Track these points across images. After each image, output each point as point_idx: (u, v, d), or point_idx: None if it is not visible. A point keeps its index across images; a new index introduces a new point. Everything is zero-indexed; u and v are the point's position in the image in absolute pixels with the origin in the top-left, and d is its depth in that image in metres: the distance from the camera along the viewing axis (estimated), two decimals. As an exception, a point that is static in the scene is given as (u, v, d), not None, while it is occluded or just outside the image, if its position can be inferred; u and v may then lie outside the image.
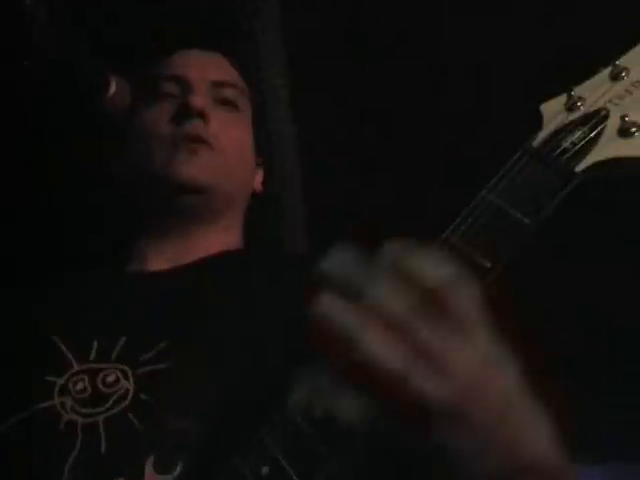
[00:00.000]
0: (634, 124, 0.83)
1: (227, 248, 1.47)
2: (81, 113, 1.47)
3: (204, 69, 1.56)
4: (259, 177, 1.64)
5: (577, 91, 0.89)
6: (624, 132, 0.83)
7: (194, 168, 1.42)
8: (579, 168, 0.82)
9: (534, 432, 0.79)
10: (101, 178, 1.63)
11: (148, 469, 1.05)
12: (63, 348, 1.25)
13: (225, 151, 1.48)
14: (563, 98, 0.89)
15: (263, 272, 1.38)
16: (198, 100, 1.47)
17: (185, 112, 1.46)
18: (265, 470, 0.82)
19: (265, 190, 1.65)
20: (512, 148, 0.87)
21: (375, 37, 2.22)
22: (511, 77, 2.07)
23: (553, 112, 0.89)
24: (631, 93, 0.86)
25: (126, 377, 1.18)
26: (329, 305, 0.74)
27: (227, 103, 1.54)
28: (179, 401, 1.13)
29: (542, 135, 0.86)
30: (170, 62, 1.56)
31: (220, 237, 1.48)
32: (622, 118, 0.83)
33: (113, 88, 1.39)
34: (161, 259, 1.42)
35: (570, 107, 0.88)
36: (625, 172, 0.83)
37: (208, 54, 1.60)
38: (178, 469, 1.05)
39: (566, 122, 0.86)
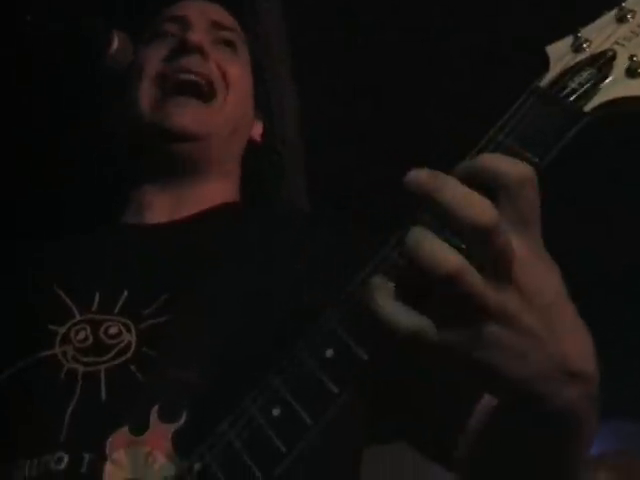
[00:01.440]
0: (642, 64, 0.83)
1: (225, 200, 1.46)
2: (84, 67, 1.46)
3: (204, 11, 1.53)
4: (258, 128, 1.61)
5: (583, 33, 0.89)
6: (632, 72, 0.83)
7: (185, 116, 1.39)
8: (587, 108, 0.82)
9: (581, 339, 0.80)
10: (100, 131, 1.61)
11: (153, 417, 1.05)
12: (65, 298, 1.25)
13: (226, 96, 1.45)
14: (569, 40, 0.89)
15: (261, 226, 1.37)
16: (196, 35, 1.44)
17: (182, 47, 1.43)
18: (276, 411, 0.82)
19: (265, 144, 1.64)
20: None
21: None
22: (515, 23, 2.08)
23: (559, 54, 0.89)
24: (637, 34, 0.86)
25: (128, 330, 1.19)
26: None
27: (227, 44, 1.51)
28: (181, 353, 1.14)
29: (549, 76, 0.87)
30: (171, 7, 1.54)
31: (217, 187, 1.47)
32: (630, 58, 0.83)
33: (116, 44, 1.38)
34: (159, 211, 1.42)
35: (576, 49, 0.88)
36: (632, 111, 0.83)
37: (210, 3, 1.58)
38: (183, 418, 1.06)
39: (573, 63, 0.86)
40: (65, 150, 1.86)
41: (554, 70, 0.87)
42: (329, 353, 0.80)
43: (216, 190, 1.46)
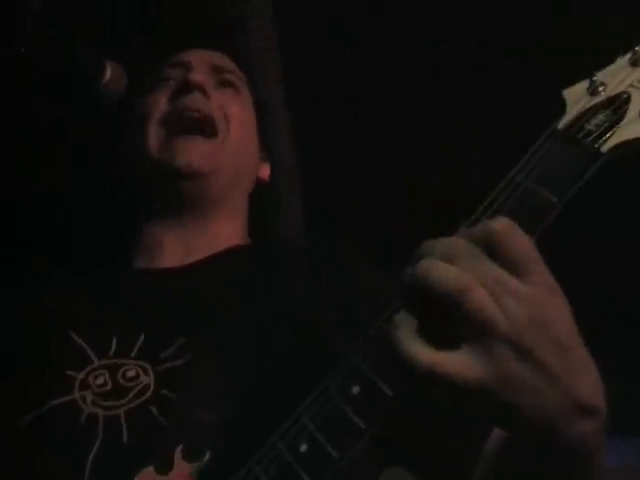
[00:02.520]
0: (656, 106, 0.86)
1: (234, 242, 1.49)
2: (77, 99, 1.49)
3: (205, 56, 1.58)
4: (266, 169, 1.65)
5: (599, 76, 0.92)
6: (647, 113, 0.86)
7: (191, 153, 1.43)
8: (604, 148, 0.85)
9: (592, 375, 0.81)
10: (103, 167, 1.65)
11: (177, 457, 1.06)
12: (82, 343, 1.26)
13: (229, 132, 1.49)
14: (585, 83, 0.92)
15: (268, 267, 1.40)
16: (197, 75, 1.49)
17: (184, 87, 1.48)
18: (303, 447, 0.84)
19: (271, 184, 1.67)
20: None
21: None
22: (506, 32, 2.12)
23: (576, 97, 0.92)
24: (653, 77, 0.89)
25: (146, 373, 1.20)
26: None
27: (228, 85, 1.56)
28: (201, 394, 1.15)
29: (567, 118, 0.89)
30: (174, 55, 1.59)
31: (226, 229, 1.49)
32: (647, 99, 0.87)
33: (109, 73, 1.41)
34: (170, 255, 1.44)
35: (592, 91, 0.91)
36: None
37: (211, 51, 1.63)
38: (207, 456, 1.07)
39: (589, 106, 0.89)
40: (65, 186, 1.89)
41: (571, 112, 0.90)
42: (355, 390, 0.82)
43: (225, 232, 1.49)
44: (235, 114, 1.52)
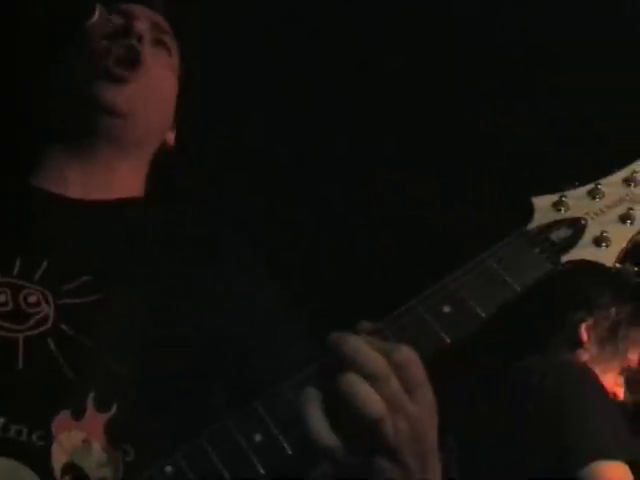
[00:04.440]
0: (607, 239, 1.06)
1: (134, 193, 1.51)
2: (61, 34, 1.48)
3: (150, 14, 1.59)
4: (171, 136, 1.66)
5: (566, 197, 1.11)
6: (598, 242, 1.06)
7: (119, 94, 1.44)
8: (563, 259, 1.04)
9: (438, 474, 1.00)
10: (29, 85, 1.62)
11: (90, 405, 1.11)
12: None
13: (154, 85, 1.51)
14: (554, 197, 1.11)
15: (167, 221, 1.46)
16: (140, 24, 1.50)
17: (124, 31, 1.49)
18: (258, 437, 0.94)
19: (178, 149, 1.71)
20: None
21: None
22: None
23: (543, 207, 1.11)
24: (605, 213, 1.10)
25: (47, 302, 1.22)
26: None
27: (162, 45, 1.58)
28: (107, 340, 1.19)
29: (534, 224, 1.08)
30: (121, 5, 1.59)
31: (126, 178, 1.51)
32: (600, 232, 1.07)
33: (96, 16, 1.42)
34: (72, 184, 1.43)
35: (557, 207, 1.10)
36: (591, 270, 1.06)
37: (155, 13, 1.63)
38: (114, 409, 1.12)
39: (554, 219, 1.08)
40: None
41: (538, 220, 1.09)
42: (258, 438, 0.95)
43: (127, 178, 1.51)
44: (157, 71, 1.53)
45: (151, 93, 1.51)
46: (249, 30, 2.41)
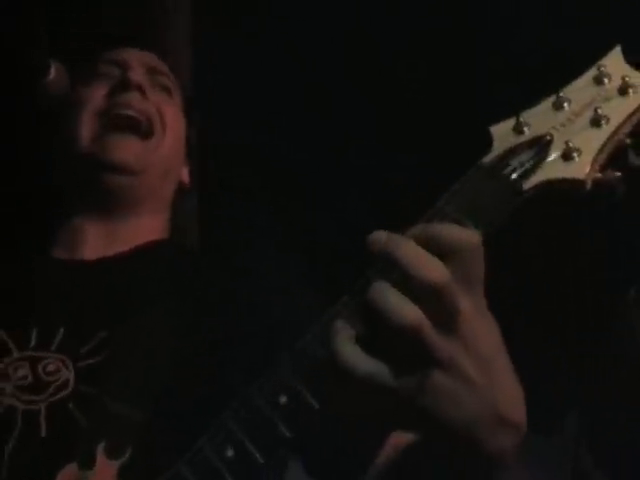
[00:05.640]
0: (575, 149, 0.93)
1: (155, 237, 1.51)
2: (20, 95, 1.50)
3: (142, 57, 1.60)
4: (187, 172, 1.67)
5: (524, 116, 0.98)
6: (567, 156, 0.93)
7: (125, 151, 1.45)
8: (526, 186, 0.92)
9: (515, 392, 0.88)
10: (32, 161, 1.65)
11: (100, 454, 1.09)
12: (2, 335, 1.28)
13: (163, 134, 1.51)
14: (512, 122, 0.98)
15: (191, 264, 1.44)
16: (137, 75, 1.50)
17: (123, 85, 1.49)
18: (230, 452, 0.88)
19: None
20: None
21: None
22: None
23: (502, 134, 0.98)
24: (572, 122, 0.96)
25: (67, 367, 1.22)
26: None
27: (163, 88, 1.58)
28: (121, 390, 1.18)
29: (493, 154, 0.96)
30: (110, 51, 1.61)
31: (148, 225, 1.51)
32: (565, 143, 0.93)
33: (53, 73, 1.43)
34: (92, 247, 1.45)
35: (518, 130, 0.97)
36: (567, 191, 0.93)
37: (146, 52, 1.65)
38: (128, 453, 1.10)
39: (514, 144, 0.96)
40: None
41: (497, 149, 0.96)
42: (283, 400, 0.86)
43: (147, 227, 1.51)
44: (170, 117, 1.55)
45: (161, 142, 1.50)
46: (268, 37, 2.37)
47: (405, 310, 0.78)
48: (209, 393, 1.16)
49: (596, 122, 0.95)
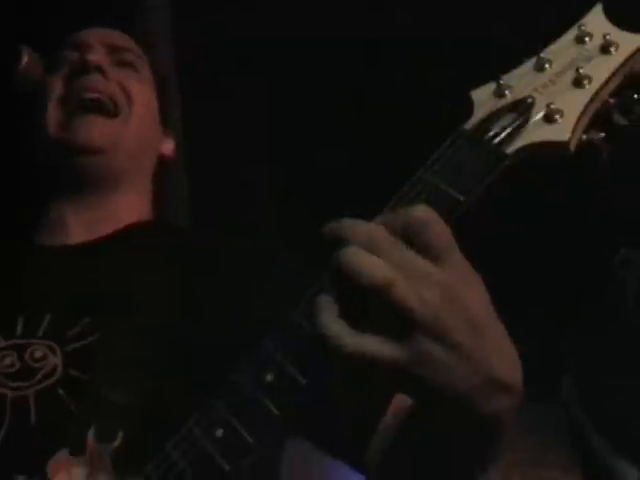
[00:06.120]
0: (558, 111, 0.91)
1: (138, 218, 1.50)
2: None
3: (102, 36, 1.57)
4: (169, 145, 1.65)
5: (505, 79, 0.96)
6: (549, 118, 0.91)
7: (90, 129, 1.43)
8: (509, 150, 0.90)
9: (508, 354, 0.86)
10: (11, 149, 1.64)
11: (90, 439, 1.09)
12: None
13: (129, 111, 1.49)
14: (492, 86, 0.97)
15: (175, 244, 1.42)
16: (95, 55, 1.48)
17: (81, 68, 1.47)
18: (219, 432, 0.87)
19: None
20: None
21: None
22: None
23: (483, 98, 0.96)
24: (554, 83, 0.94)
25: (54, 353, 1.21)
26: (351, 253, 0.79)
27: (127, 64, 1.55)
28: (110, 374, 1.17)
29: (474, 119, 0.94)
30: (72, 35, 1.58)
31: (129, 204, 1.50)
32: (547, 106, 0.91)
33: (25, 59, 1.41)
34: (74, 231, 1.44)
35: (499, 94, 0.95)
36: (550, 155, 0.91)
37: (108, 29, 1.62)
38: (119, 438, 1.09)
39: (495, 108, 0.94)
40: None
41: (478, 114, 0.94)
42: (269, 377, 0.85)
43: (128, 207, 1.49)
44: (136, 93, 1.52)
45: (128, 119, 1.48)
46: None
47: (374, 266, 0.77)
48: (200, 375, 1.15)
49: (578, 82, 0.93)
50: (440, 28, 2.22)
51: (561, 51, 0.97)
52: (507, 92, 0.95)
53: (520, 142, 0.90)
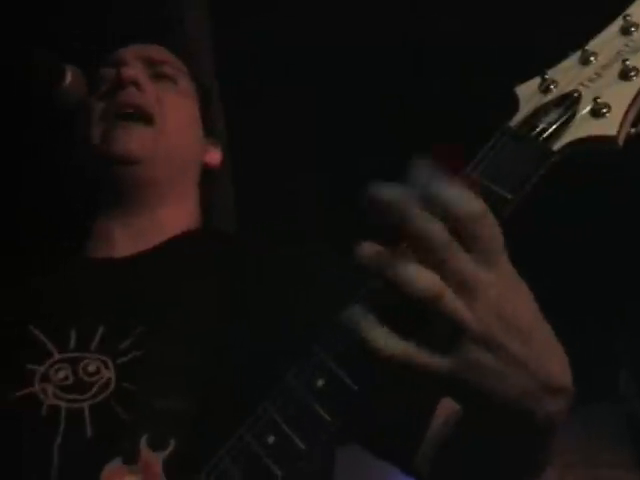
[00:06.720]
0: (605, 105, 0.89)
1: (185, 227, 1.50)
2: (39, 103, 1.50)
3: (140, 51, 1.59)
4: (215, 154, 1.65)
5: (550, 74, 0.94)
6: (596, 112, 0.89)
7: (128, 138, 1.45)
8: (556, 147, 0.88)
9: (559, 357, 0.87)
10: (57, 167, 1.66)
11: (143, 447, 1.09)
12: (41, 337, 1.28)
13: (165, 120, 1.50)
14: (537, 80, 0.95)
15: (223, 254, 1.43)
16: (130, 70, 1.50)
17: (117, 83, 1.50)
18: (271, 439, 0.86)
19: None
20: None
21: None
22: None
23: (528, 94, 0.94)
24: (600, 76, 0.92)
25: (107, 366, 1.23)
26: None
27: (164, 77, 1.57)
28: (161, 383, 1.18)
29: (519, 116, 0.92)
30: (113, 53, 1.60)
31: (175, 214, 1.51)
32: (594, 100, 0.89)
33: (69, 77, 1.43)
34: (122, 244, 1.45)
35: (544, 89, 0.94)
36: (598, 150, 0.89)
37: (146, 44, 1.64)
38: (172, 445, 1.10)
39: (541, 104, 0.92)
40: (23, 185, 1.90)
41: (523, 110, 0.93)
42: (320, 383, 0.85)
43: (174, 217, 1.50)
44: (171, 103, 1.53)
45: (164, 128, 1.49)
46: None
47: (422, 278, 0.76)
48: (249, 381, 1.15)
49: (625, 75, 0.91)
50: (486, 35, 2.19)
51: (606, 43, 0.95)
52: (552, 87, 0.94)
53: (567, 138, 0.88)
